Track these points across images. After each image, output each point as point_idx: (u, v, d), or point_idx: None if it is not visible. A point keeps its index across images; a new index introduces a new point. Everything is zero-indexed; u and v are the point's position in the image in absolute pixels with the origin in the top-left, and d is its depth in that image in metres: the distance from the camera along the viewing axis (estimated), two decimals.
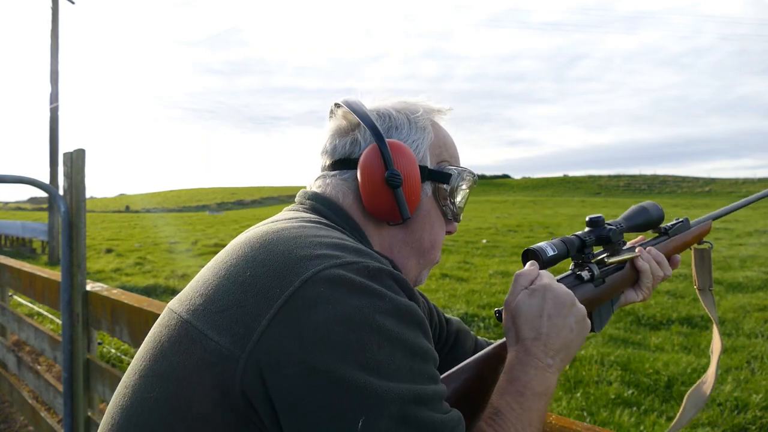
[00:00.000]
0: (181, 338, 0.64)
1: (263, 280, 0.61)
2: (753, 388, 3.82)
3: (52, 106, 14.21)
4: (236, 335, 0.59)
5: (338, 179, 0.83)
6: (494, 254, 11.12)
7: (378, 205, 0.78)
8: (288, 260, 0.62)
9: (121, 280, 9.04)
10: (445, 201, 0.86)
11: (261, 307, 0.59)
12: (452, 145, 0.90)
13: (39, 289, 2.84)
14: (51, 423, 2.89)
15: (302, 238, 0.67)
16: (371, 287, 0.61)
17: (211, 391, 0.59)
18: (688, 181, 60.08)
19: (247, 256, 0.66)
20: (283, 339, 0.57)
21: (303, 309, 0.58)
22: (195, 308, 0.65)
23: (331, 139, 0.86)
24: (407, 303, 0.64)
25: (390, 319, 0.60)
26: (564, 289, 0.80)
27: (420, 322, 0.64)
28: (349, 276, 0.61)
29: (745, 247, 10.91)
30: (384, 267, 0.65)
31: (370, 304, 0.60)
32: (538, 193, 60.89)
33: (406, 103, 0.87)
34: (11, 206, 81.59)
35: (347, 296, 0.59)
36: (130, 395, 0.66)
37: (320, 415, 0.55)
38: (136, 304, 1.89)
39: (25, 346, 4.62)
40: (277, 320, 0.58)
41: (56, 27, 14.34)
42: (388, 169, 0.76)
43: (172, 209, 64.76)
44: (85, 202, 2.29)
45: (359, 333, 0.57)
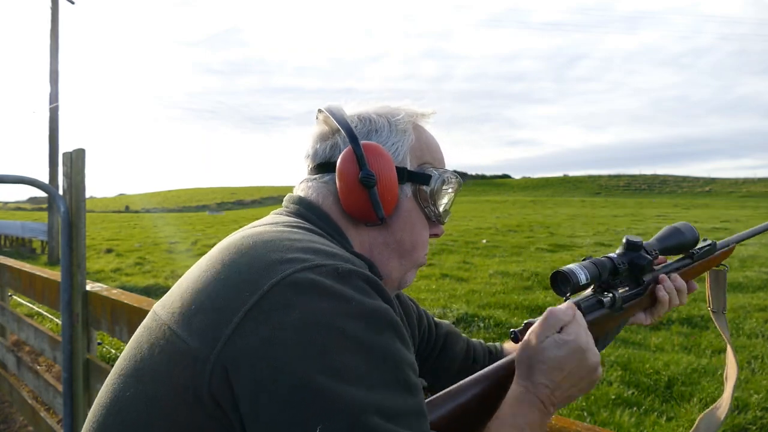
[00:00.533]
0: (158, 340, 0.65)
1: (235, 284, 0.62)
2: (753, 388, 3.81)
3: (52, 106, 14.21)
4: (206, 338, 0.60)
5: (319, 182, 0.85)
6: (494, 254, 11.12)
7: (354, 205, 0.80)
8: (259, 264, 0.63)
9: (121, 280, 9.05)
10: (426, 203, 0.86)
11: (231, 311, 0.60)
12: (436, 147, 0.91)
13: (39, 289, 2.84)
14: (51, 423, 2.88)
15: (276, 242, 0.68)
16: (339, 290, 0.61)
17: (183, 392, 0.60)
18: (688, 181, 60.09)
19: (224, 261, 0.67)
20: (249, 341, 0.57)
21: (270, 312, 0.58)
22: (173, 311, 0.66)
23: (312, 144, 0.88)
24: (378, 305, 0.63)
25: (357, 322, 0.60)
26: (593, 351, 0.77)
27: (392, 325, 0.63)
28: (317, 279, 0.61)
29: (745, 247, 10.91)
30: (355, 269, 0.65)
31: (336, 307, 0.60)
32: (538, 193, 60.93)
33: (389, 107, 0.89)
34: (11, 206, 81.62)
35: (314, 300, 0.59)
36: (110, 394, 0.67)
37: (280, 418, 0.55)
38: (136, 304, 1.89)
39: (25, 346, 4.62)
40: (245, 323, 0.58)
41: (56, 27, 14.34)
42: (362, 169, 0.78)
43: (172, 209, 64.77)
44: (85, 202, 2.29)
45: (323, 336, 0.57)
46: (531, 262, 9.59)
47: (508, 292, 7.15)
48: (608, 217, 22.06)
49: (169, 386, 0.61)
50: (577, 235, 14.62)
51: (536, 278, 7.96)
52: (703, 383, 3.93)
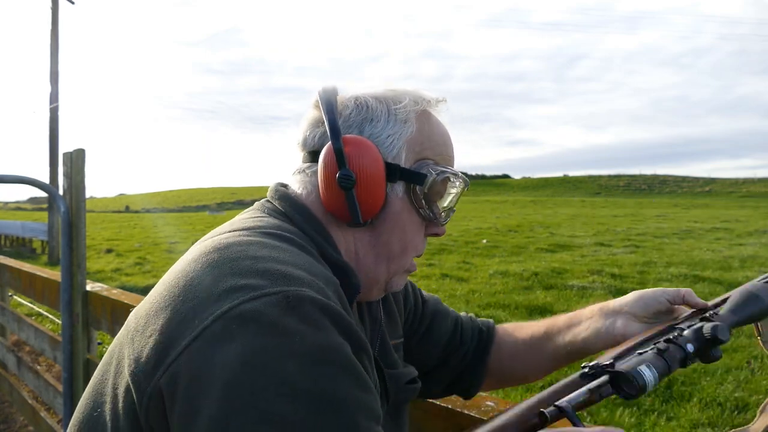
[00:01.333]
0: (113, 355, 0.66)
1: (186, 310, 0.59)
2: (753, 388, 3.82)
3: (52, 106, 14.22)
4: (149, 365, 0.58)
5: (307, 173, 0.80)
6: (494, 254, 11.11)
7: (333, 205, 0.76)
8: (211, 292, 0.59)
9: (121, 280, 9.05)
10: (420, 204, 0.79)
11: (175, 340, 0.57)
12: (441, 141, 0.83)
13: (39, 289, 2.84)
14: (51, 423, 2.89)
15: (237, 261, 0.62)
16: (282, 325, 0.55)
17: (126, 417, 0.60)
18: (688, 181, 60.09)
19: (187, 276, 0.63)
20: (183, 374, 0.55)
21: (209, 347, 0.55)
22: (134, 327, 0.64)
23: (304, 129, 0.82)
24: (326, 342, 0.56)
25: (299, 362, 0.54)
26: None
27: (342, 364, 0.56)
28: (260, 311, 0.56)
29: (745, 247, 10.91)
30: (310, 295, 0.58)
31: (277, 345, 0.54)
32: (538, 193, 60.93)
33: (394, 91, 0.81)
34: (11, 206, 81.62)
35: (254, 336, 0.54)
36: (81, 411, 0.68)
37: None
38: (136, 304, 1.88)
39: (25, 346, 4.62)
40: (184, 355, 0.55)
41: (56, 27, 14.34)
42: (340, 168, 0.73)
43: (172, 209, 64.78)
44: (85, 202, 2.29)
45: (258, 378, 0.52)
46: (531, 262, 9.59)
47: (508, 292, 7.15)
48: (608, 217, 22.05)
49: (119, 408, 0.61)
50: (577, 235, 14.62)
51: (536, 278, 7.96)
52: (703, 383, 3.93)
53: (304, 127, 0.82)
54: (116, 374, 0.63)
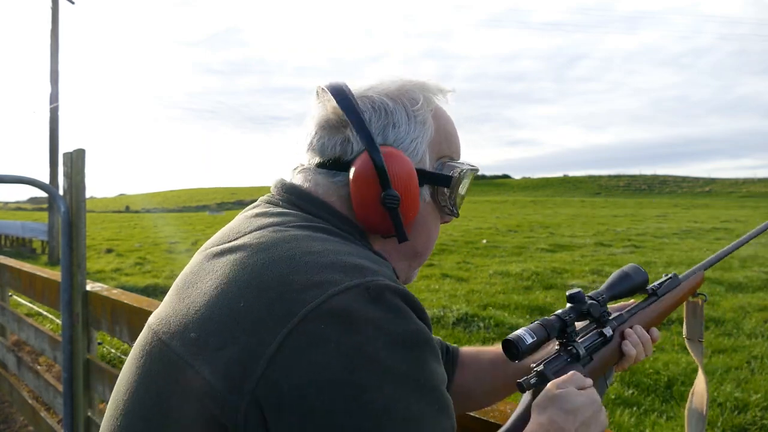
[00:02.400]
0: (169, 369, 0.60)
1: (257, 313, 0.57)
2: (753, 388, 3.82)
3: (52, 106, 14.21)
4: (233, 378, 0.55)
5: (328, 180, 0.75)
6: (494, 254, 11.11)
7: (372, 222, 0.73)
8: (283, 290, 0.58)
9: (121, 280, 9.04)
10: (446, 203, 0.80)
11: (258, 346, 0.55)
12: (454, 133, 0.83)
13: (39, 289, 2.84)
14: (51, 423, 2.89)
15: (297, 258, 0.61)
16: (371, 317, 0.57)
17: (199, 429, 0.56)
18: (688, 181, 60.09)
19: (238, 280, 0.61)
20: (283, 382, 0.53)
21: (302, 349, 0.54)
22: (185, 338, 0.60)
23: (318, 134, 0.77)
24: (412, 328, 0.59)
25: (393, 351, 0.56)
26: (605, 413, 0.76)
27: (428, 345, 0.60)
28: (347, 307, 0.56)
29: (745, 247, 10.89)
30: (386, 283, 0.60)
31: (370, 339, 0.55)
32: (538, 193, 60.94)
33: (405, 88, 0.78)
34: (11, 206, 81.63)
35: (346, 333, 0.55)
36: (122, 419, 0.64)
37: None
38: (136, 304, 1.89)
39: (25, 346, 4.61)
40: (276, 361, 0.54)
41: (56, 27, 14.34)
42: (385, 189, 0.70)
43: (172, 209, 64.78)
44: (85, 202, 2.29)
45: (359, 374, 0.54)
46: (531, 262, 9.59)
47: (508, 292, 7.15)
48: (608, 217, 22.05)
49: (191, 425, 0.57)
50: (577, 235, 14.62)
51: (536, 278, 7.96)
52: None
53: (315, 128, 0.78)
54: (172, 383, 0.59)
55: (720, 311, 5.88)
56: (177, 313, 0.63)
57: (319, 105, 0.80)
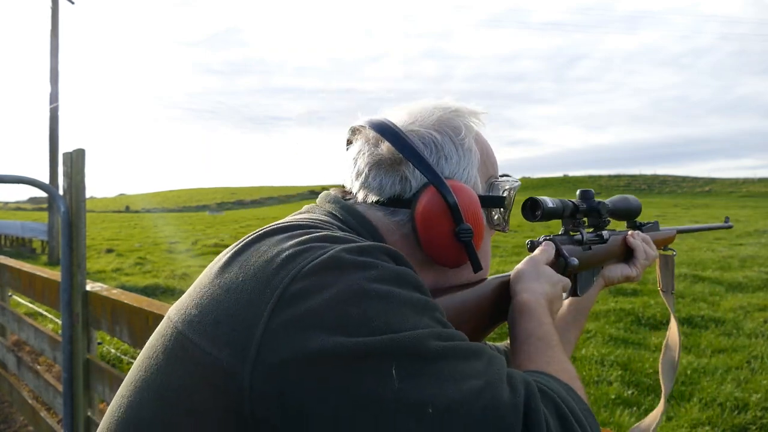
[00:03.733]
0: (176, 351, 0.60)
1: (253, 284, 0.58)
2: (753, 388, 3.82)
3: (52, 106, 14.22)
4: (235, 347, 0.54)
5: (388, 219, 0.75)
6: (494, 254, 11.11)
7: (445, 258, 0.74)
8: (277, 259, 0.59)
9: (121, 280, 9.05)
10: (499, 220, 0.83)
11: (254, 312, 0.55)
12: (492, 153, 0.85)
13: (39, 289, 2.84)
14: (51, 423, 2.89)
15: (295, 235, 0.63)
16: (362, 260, 0.59)
17: (212, 409, 0.55)
18: (688, 181, 60.08)
19: (241, 261, 0.62)
20: (285, 337, 0.53)
21: (297, 302, 0.55)
22: (190, 318, 0.60)
23: (374, 172, 0.76)
24: (402, 268, 0.61)
25: (388, 284, 0.58)
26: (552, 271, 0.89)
27: (418, 285, 0.61)
28: (337, 257, 0.58)
29: (745, 247, 10.91)
30: (379, 245, 0.63)
31: (364, 276, 0.57)
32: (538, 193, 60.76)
33: (444, 118, 0.78)
34: (11, 206, 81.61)
35: (339, 276, 0.56)
36: (126, 407, 0.62)
37: (351, 391, 0.51)
38: (136, 304, 1.88)
39: (25, 346, 4.62)
40: (273, 320, 0.54)
41: (56, 27, 14.34)
42: (458, 224, 0.71)
43: (172, 209, 64.79)
44: (85, 202, 2.29)
45: (360, 305, 0.55)
46: None
47: None
48: None
49: (198, 403, 0.56)
50: None
51: None
52: (703, 383, 3.93)
53: (366, 168, 0.77)
54: (179, 365, 0.59)
55: (720, 311, 5.88)
56: (189, 295, 0.65)
57: (361, 141, 0.79)
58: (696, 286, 7.15)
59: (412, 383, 0.52)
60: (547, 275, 0.85)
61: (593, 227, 1.08)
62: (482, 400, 0.53)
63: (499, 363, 0.59)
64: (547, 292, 0.82)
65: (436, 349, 0.55)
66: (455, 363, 0.55)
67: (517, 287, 0.82)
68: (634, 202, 1.17)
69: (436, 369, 0.54)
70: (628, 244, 1.13)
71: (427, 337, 0.55)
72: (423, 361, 0.54)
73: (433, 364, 0.54)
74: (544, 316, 0.77)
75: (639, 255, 1.12)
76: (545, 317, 0.77)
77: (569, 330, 1.07)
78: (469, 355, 0.57)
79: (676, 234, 1.33)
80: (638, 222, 1.23)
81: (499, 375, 0.57)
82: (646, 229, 1.24)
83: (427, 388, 0.52)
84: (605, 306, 6.00)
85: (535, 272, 0.85)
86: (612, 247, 1.09)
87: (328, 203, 0.78)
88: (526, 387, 0.57)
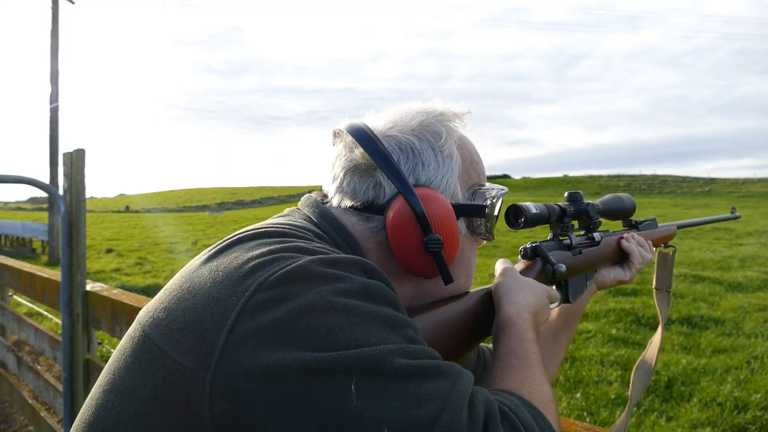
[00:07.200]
0: (143, 354, 0.59)
1: (220, 291, 0.57)
2: (753, 388, 3.82)
3: (52, 106, 14.22)
4: (198, 354, 0.54)
5: (363, 225, 0.74)
6: (494, 254, 11.11)
7: (415, 268, 0.72)
8: (245, 267, 0.58)
9: (121, 280, 9.05)
10: (481, 230, 0.80)
11: (219, 320, 0.54)
12: (478, 159, 0.82)
13: (39, 289, 2.84)
14: (51, 423, 2.89)
15: (267, 243, 0.62)
16: (330, 272, 0.57)
17: (175, 415, 0.55)
18: (688, 181, 60.07)
19: (211, 266, 0.61)
20: (247, 348, 0.52)
21: (261, 312, 0.54)
22: (158, 322, 0.59)
23: (348, 177, 0.75)
24: (374, 282, 0.59)
25: (355, 298, 0.56)
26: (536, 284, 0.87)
27: (389, 299, 0.59)
28: (305, 267, 0.57)
29: (745, 247, 10.91)
30: (352, 258, 0.61)
31: (330, 289, 0.56)
32: (538, 193, 60.89)
33: (425, 123, 0.76)
34: (11, 206, 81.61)
35: (306, 287, 0.55)
36: (94, 409, 0.62)
37: (307, 406, 0.51)
38: (136, 304, 1.89)
39: (25, 346, 4.62)
40: (236, 330, 0.53)
41: (56, 27, 14.34)
42: (426, 234, 0.69)
43: (172, 209, 64.79)
44: (85, 202, 2.29)
45: (325, 318, 0.54)
46: None
47: None
48: None
49: (160, 408, 0.56)
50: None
51: None
52: (703, 383, 3.93)
53: (344, 172, 0.76)
54: (146, 370, 0.58)
55: (720, 311, 5.88)
56: (159, 298, 0.64)
57: (340, 145, 0.78)
58: (696, 286, 7.15)
59: (371, 401, 0.51)
60: (530, 286, 0.83)
61: (584, 230, 1.04)
62: (440, 424, 0.52)
63: (464, 383, 0.57)
64: (531, 303, 0.79)
65: (398, 367, 0.53)
66: (418, 382, 0.54)
67: (500, 300, 0.80)
68: (628, 201, 1.12)
69: (396, 388, 0.52)
70: (622, 248, 1.08)
71: (392, 353, 0.54)
72: (384, 379, 0.52)
73: (394, 382, 0.53)
74: (527, 332, 0.75)
75: (634, 259, 1.09)
76: (528, 333, 0.75)
77: (560, 335, 1.05)
78: (434, 374, 0.55)
79: (676, 230, 1.27)
80: (634, 221, 1.18)
81: (461, 397, 0.55)
82: (644, 226, 1.19)
83: (385, 407, 0.51)
84: (605, 306, 6.00)
85: (516, 284, 0.82)
86: (605, 250, 1.05)
87: (307, 207, 0.77)
88: (486, 408, 0.56)
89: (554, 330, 1.05)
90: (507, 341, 0.74)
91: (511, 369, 0.70)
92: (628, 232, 1.13)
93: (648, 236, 1.17)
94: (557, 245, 0.96)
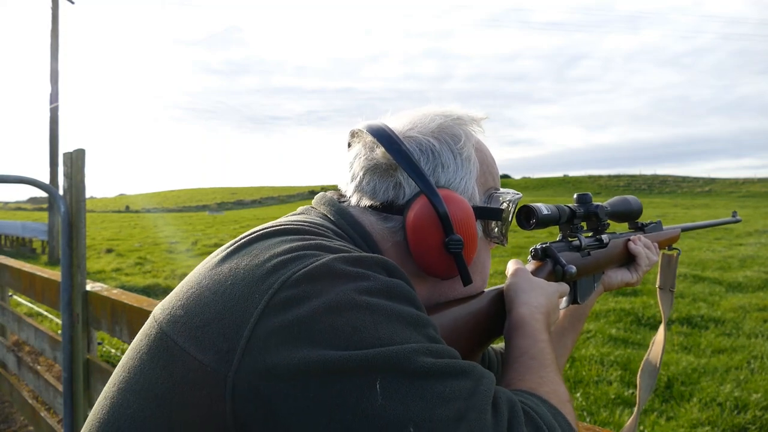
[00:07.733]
0: (160, 352, 0.58)
1: (242, 289, 0.57)
2: (753, 388, 3.82)
3: (52, 106, 14.22)
4: (220, 351, 0.53)
5: (381, 225, 0.74)
6: (494, 254, 11.05)
7: (435, 269, 0.73)
8: (268, 264, 0.58)
9: (121, 280, 9.05)
10: (496, 233, 0.81)
11: (242, 317, 0.54)
12: (493, 163, 0.83)
13: (39, 289, 2.84)
14: (51, 423, 2.89)
15: (289, 240, 0.62)
16: (354, 271, 0.57)
17: (194, 414, 0.54)
18: (688, 181, 60.07)
19: (232, 263, 0.61)
20: (271, 345, 0.52)
21: (285, 310, 0.53)
22: (176, 320, 0.59)
23: (368, 177, 0.75)
24: (396, 281, 0.60)
25: (379, 296, 0.56)
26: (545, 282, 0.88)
27: (411, 298, 0.60)
28: (328, 266, 0.57)
29: (745, 247, 10.91)
30: (375, 256, 0.61)
31: (354, 287, 0.56)
32: (538, 193, 60.89)
33: (444, 125, 0.77)
34: (11, 206, 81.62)
35: (330, 285, 0.55)
36: (108, 408, 0.61)
37: (332, 405, 0.50)
38: (136, 304, 1.89)
39: (25, 346, 4.62)
40: (260, 327, 0.53)
41: (56, 27, 14.34)
42: (448, 235, 0.69)
43: (172, 209, 64.80)
44: (85, 202, 2.29)
45: (349, 317, 0.53)
46: None
47: None
48: None
49: (179, 406, 0.55)
50: None
51: None
52: (703, 383, 3.93)
53: (364, 171, 0.76)
54: (163, 368, 0.58)
55: (720, 311, 5.88)
56: (176, 295, 0.64)
57: (359, 145, 0.78)
58: (696, 286, 7.15)
59: (396, 400, 0.51)
60: (542, 286, 0.84)
61: (592, 231, 1.05)
62: (465, 423, 0.52)
63: (487, 383, 0.57)
64: (543, 304, 0.80)
65: (423, 365, 0.53)
66: (442, 382, 0.54)
67: (512, 301, 0.81)
68: (635, 203, 1.14)
69: (421, 387, 0.52)
70: (629, 250, 1.10)
71: (416, 352, 0.54)
72: (409, 378, 0.52)
73: (419, 381, 0.53)
74: (540, 333, 0.76)
75: (641, 261, 1.10)
76: (541, 334, 0.76)
77: (566, 336, 1.06)
78: (458, 373, 0.56)
79: (680, 233, 1.29)
80: (640, 223, 1.20)
81: (485, 397, 0.55)
82: (649, 229, 1.20)
83: (410, 406, 0.51)
84: (605, 306, 6.00)
85: (529, 284, 0.83)
86: (612, 252, 1.06)
87: (323, 205, 0.77)
88: (510, 408, 0.56)
89: (560, 331, 1.06)
90: (521, 342, 0.74)
91: (527, 369, 0.70)
92: (634, 235, 1.14)
93: (654, 239, 1.18)
94: (567, 246, 0.97)
